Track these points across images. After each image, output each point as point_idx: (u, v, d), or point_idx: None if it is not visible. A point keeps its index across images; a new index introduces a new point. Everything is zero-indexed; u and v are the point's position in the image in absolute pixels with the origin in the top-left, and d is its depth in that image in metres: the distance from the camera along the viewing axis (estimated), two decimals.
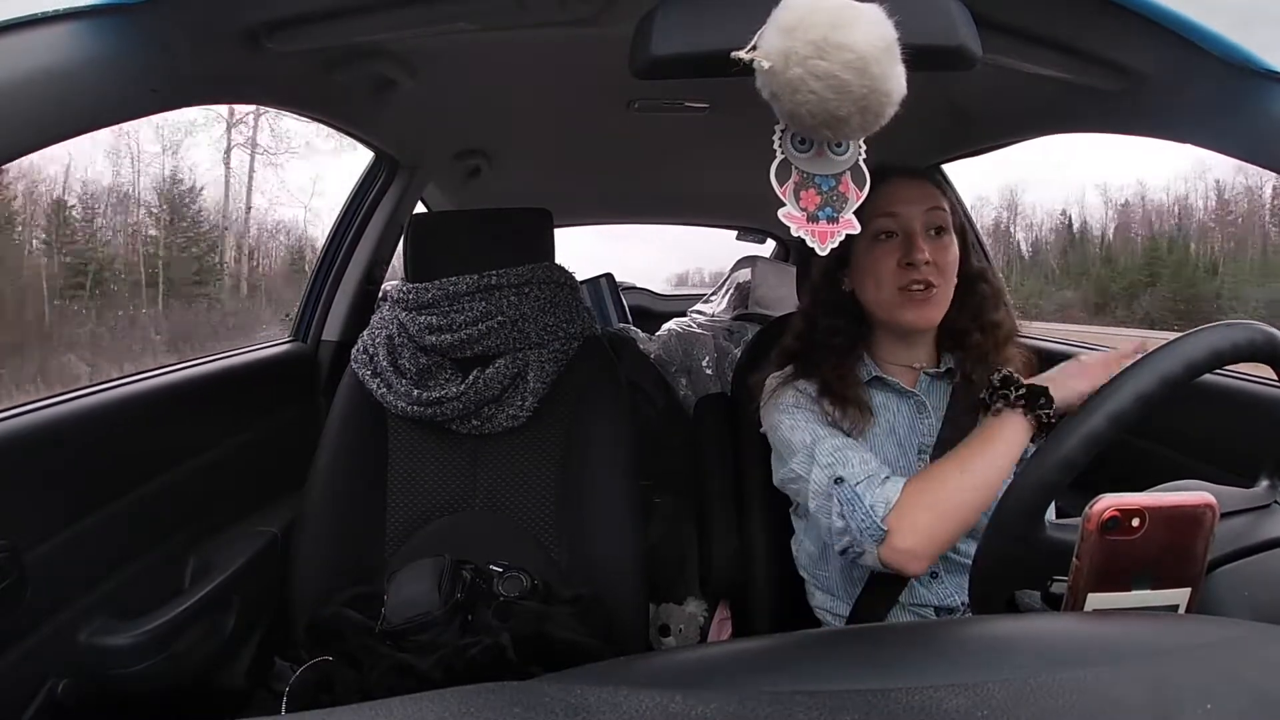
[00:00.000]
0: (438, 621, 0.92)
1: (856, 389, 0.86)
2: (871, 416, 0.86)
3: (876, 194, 0.82)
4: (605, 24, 0.75)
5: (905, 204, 0.83)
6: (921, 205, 0.84)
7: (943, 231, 0.84)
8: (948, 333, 0.88)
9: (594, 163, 1.79)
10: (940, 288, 0.83)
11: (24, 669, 0.76)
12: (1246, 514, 0.54)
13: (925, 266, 0.82)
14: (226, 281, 6.28)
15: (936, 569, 0.86)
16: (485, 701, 0.30)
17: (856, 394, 0.86)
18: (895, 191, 0.84)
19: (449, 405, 1.11)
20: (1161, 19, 0.67)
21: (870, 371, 0.89)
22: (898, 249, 0.83)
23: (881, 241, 0.84)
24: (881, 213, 0.83)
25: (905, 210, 0.83)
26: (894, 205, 0.83)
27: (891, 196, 0.83)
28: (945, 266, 0.83)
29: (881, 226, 0.83)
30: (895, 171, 0.86)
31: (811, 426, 0.84)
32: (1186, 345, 0.55)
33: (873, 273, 0.85)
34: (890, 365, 0.90)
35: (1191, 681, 0.32)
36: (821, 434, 0.83)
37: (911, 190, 0.84)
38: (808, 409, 0.87)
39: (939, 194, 0.86)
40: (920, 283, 0.82)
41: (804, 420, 0.85)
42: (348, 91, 1.03)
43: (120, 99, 0.63)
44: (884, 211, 0.83)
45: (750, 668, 0.39)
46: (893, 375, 0.89)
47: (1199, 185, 9.72)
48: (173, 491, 0.99)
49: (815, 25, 0.46)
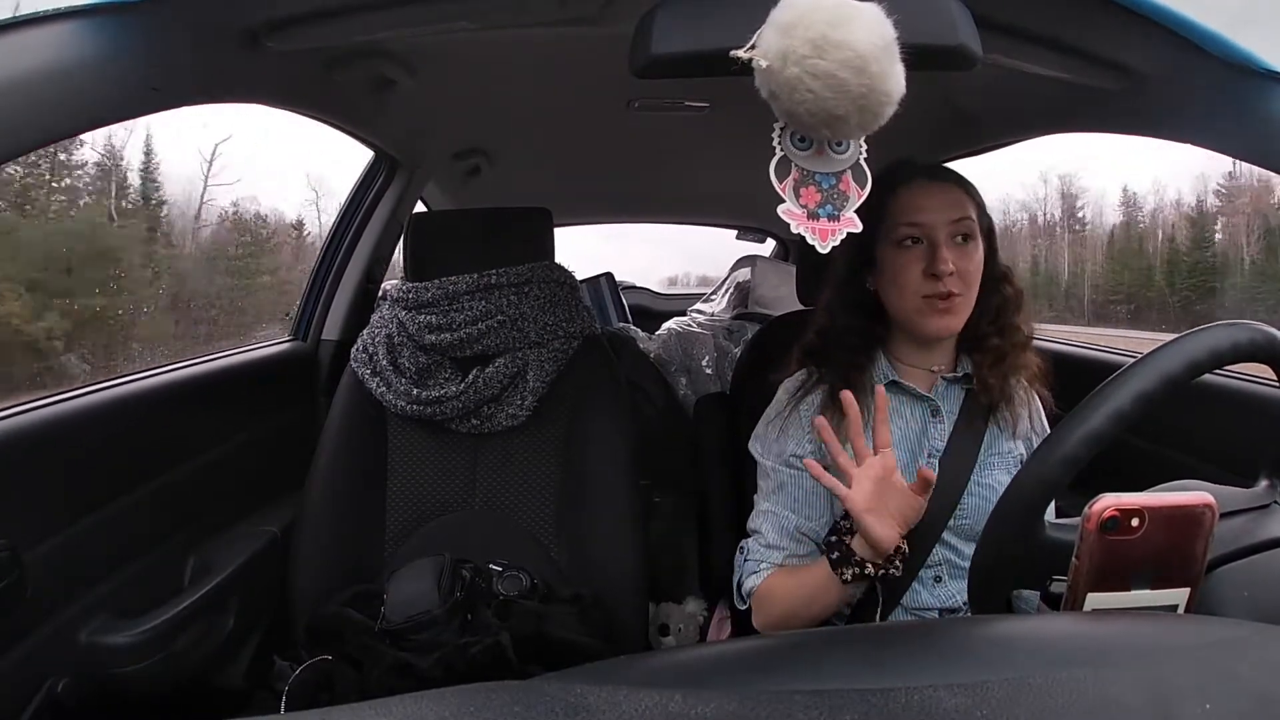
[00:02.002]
0: (437, 621, 0.92)
1: (865, 395, 0.86)
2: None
3: (900, 197, 0.83)
4: (605, 23, 0.75)
5: (931, 212, 0.82)
6: (948, 214, 0.82)
7: (968, 239, 0.83)
8: (967, 336, 0.88)
9: (594, 162, 1.79)
10: (963, 296, 0.82)
11: (24, 668, 0.76)
12: (1246, 514, 0.54)
13: (949, 277, 0.81)
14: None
15: (939, 573, 0.86)
16: (485, 701, 0.30)
17: (866, 398, 0.85)
18: (921, 198, 0.83)
19: (448, 404, 1.11)
20: (1162, 19, 0.67)
21: (887, 375, 0.89)
22: (922, 257, 0.82)
23: (907, 248, 0.83)
24: (907, 219, 0.82)
25: (931, 219, 0.82)
26: (920, 214, 0.82)
27: (917, 203, 0.83)
28: (969, 275, 0.82)
29: (907, 233, 0.83)
30: (920, 172, 0.85)
31: (778, 471, 0.90)
32: (1187, 345, 0.55)
33: (896, 279, 0.84)
34: (907, 368, 0.90)
35: (1190, 681, 0.32)
36: (782, 482, 0.89)
37: (938, 198, 0.83)
38: (792, 442, 0.90)
39: (966, 199, 0.85)
40: (944, 292, 0.81)
41: (775, 458, 0.91)
42: (348, 91, 1.03)
43: (120, 98, 0.63)
44: (909, 219, 0.82)
45: (750, 667, 0.39)
46: (909, 379, 0.89)
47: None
48: (173, 491, 0.99)
49: (813, 24, 0.46)
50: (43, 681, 0.78)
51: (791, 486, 0.89)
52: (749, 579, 0.88)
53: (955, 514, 0.85)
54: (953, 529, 0.85)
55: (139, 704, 0.89)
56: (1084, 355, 1.44)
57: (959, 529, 0.85)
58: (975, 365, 0.88)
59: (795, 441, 0.89)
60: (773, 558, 0.88)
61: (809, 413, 0.89)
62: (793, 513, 0.88)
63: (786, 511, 0.88)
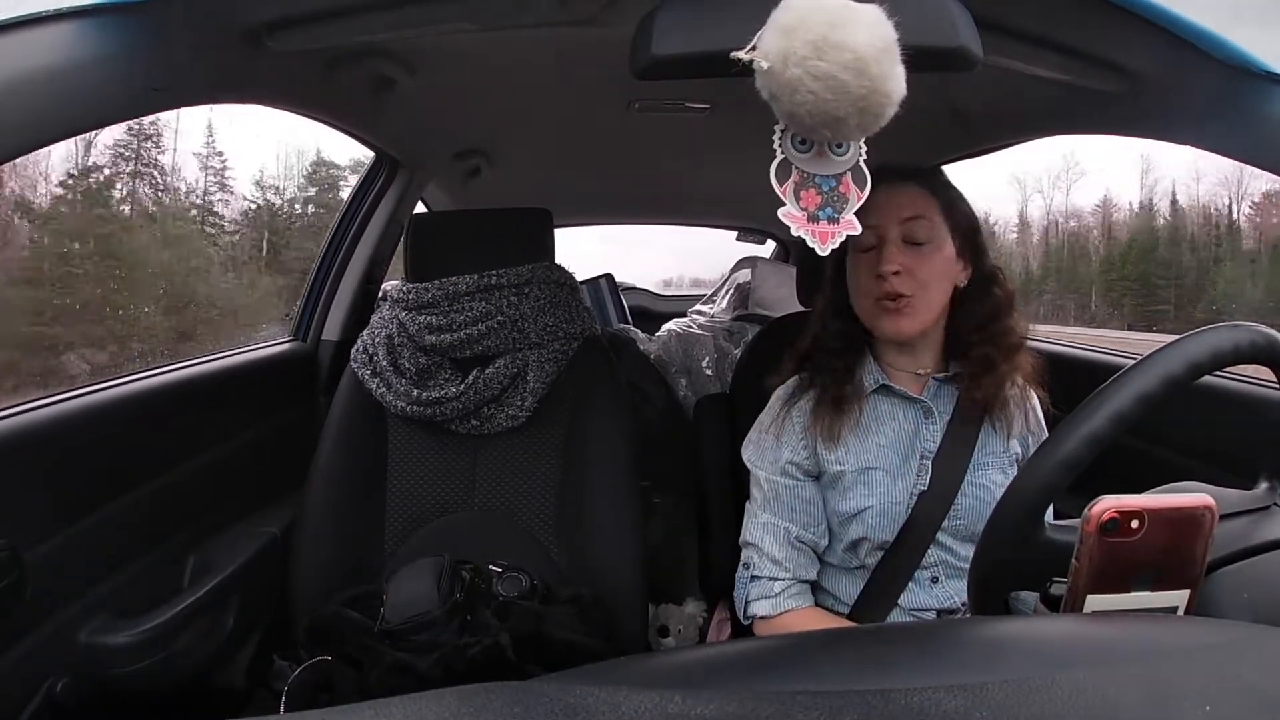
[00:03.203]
0: (437, 621, 0.92)
1: (854, 400, 0.87)
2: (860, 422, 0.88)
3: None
4: (605, 24, 0.75)
5: (880, 214, 0.82)
6: (897, 215, 0.83)
7: (922, 240, 0.83)
8: (953, 338, 0.88)
9: (594, 163, 1.79)
10: (916, 297, 0.82)
11: (24, 668, 0.76)
12: (1246, 516, 0.54)
13: (895, 278, 0.81)
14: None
15: (936, 574, 0.86)
16: (484, 701, 0.30)
17: (851, 403, 0.87)
18: (873, 201, 0.83)
19: (449, 405, 1.11)
20: (1161, 20, 0.67)
21: (877, 379, 0.89)
22: (875, 260, 0.83)
23: (863, 253, 0.85)
24: (862, 223, 0.83)
25: (880, 221, 0.82)
26: (870, 216, 0.82)
27: (869, 206, 0.83)
28: (923, 276, 0.82)
29: (862, 238, 0.83)
30: (881, 177, 0.86)
31: (773, 480, 0.90)
32: (1188, 346, 0.55)
33: (853, 283, 0.87)
34: (896, 371, 0.90)
35: (1190, 683, 0.32)
36: (777, 491, 0.89)
37: (890, 199, 0.83)
38: (786, 450, 0.90)
39: (926, 201, 0.84)
40: (890, 295, 0.82)
41: (769, 466, 0.91)
42: (348, 91, 1.03)
43: (121, 98, 0.63)
44: (863, 222, 0.83)
45: (750, 668, 0.39)
46: (899, 382, 0.89)
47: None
48: (173, 491, 0.99)
49: (814, 26, 0.46)
50: (42, 681, 0.78)
51: (788, 496, 0.89)
52: (758, 604, 0.88)
53: (950, 515, 0.85)
54: (947, 529, 0.85)
55: (139, 704, 0.89)
56: (1081, 356, 1.44)
57: (954, 529, 0.85)
58: (965, 373, 0.87)
59: (790, 449, 0.90)
60: (780, 576, 0.87)
61: (801, 420, 0.90)
62: (792, 523, 0.88)
63: (785, 522, 0.89)
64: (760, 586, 0.88)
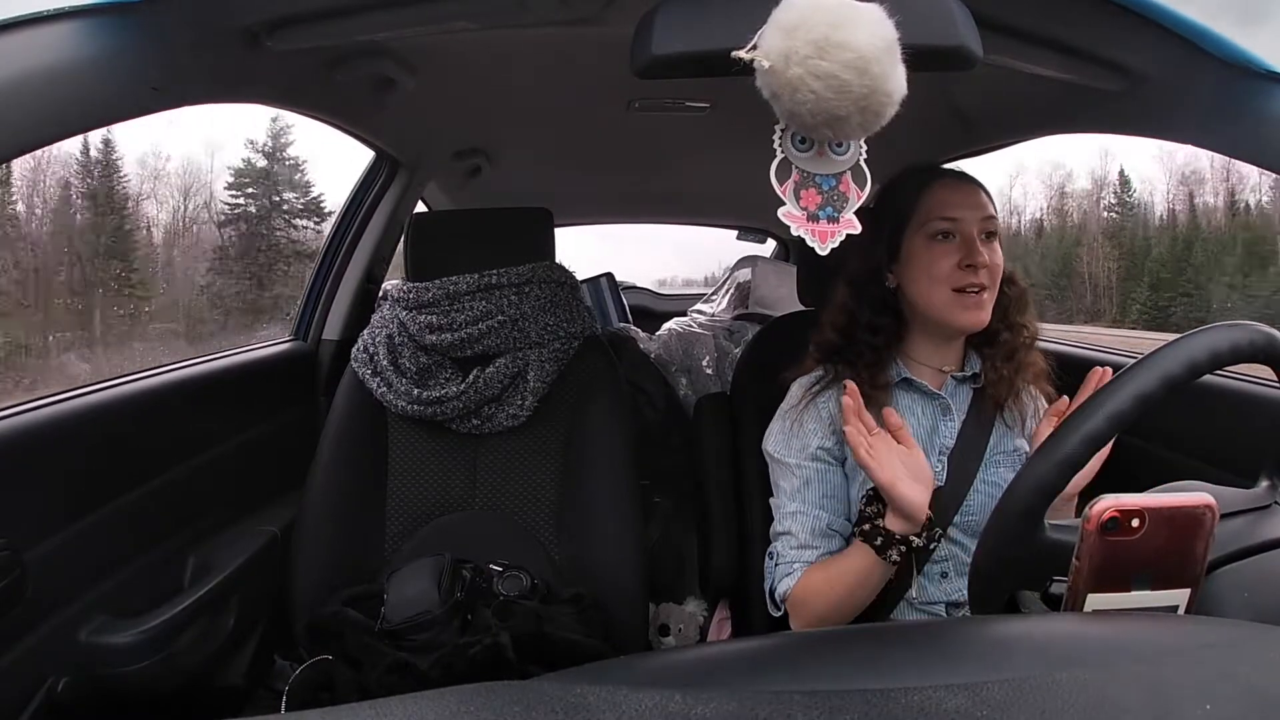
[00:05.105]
0: (437, 621, 0.92)
1: (882, 391, 0.87)
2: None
3: (936, 192, 0.85)
4: (606, 23, 0.75)
5: (964, 209, 0.85)
6: (978, 211, 0.85)
7: (993, 237, 0.86)
8: (978, 333, 0.89)
9: (594, 162, 1.79)
10: (990, 291, 0.85)
11: (24, 667, 0.76)
12: (1246, 515, 0.54)
13: (983, 270, 0.83)
14: None
15: (946, 569, 0.87)
16: (485, 701, 0.30)
17: (880, 395, 0.86)
18: (953, 196, 0.86)
19: (449, 404, 1.11)
20: (1162, 19, 0.67)
21: (900, 373, 0.90)
22: (956, 251, 0.84)
23: (939, 242, 0.85)
24: (942, 214, 0.85)
25: (965, 214, 0.85)
26: (952, 209, 0.85)
27: (953, 199, 0.85)
28: (996, 272, 0.85)
29: (941, 227, 0.85)
30: (947, 173, 0.88)
31: (803, 467, 0.89)
32: (1187, 345, 0.55)
33: (929, 271, 0.85)
34: (919, 366, 0.91)
35: (1190, 682, 0.32)
36: (808, 478, 0.88)
37: (969, 196, 0.86)
38: (815, 436, 0.89)
39: (989, 201, 0.88)
40: (976, 285, 0.83)
41: (798, 453, 0.89)
42: (348, 91, 1.03)
43: (121, 98, 0.63)
44: (945, 213, 0.85)
45: (750, 668, 0.39)
46: (921, 377, 0.90)
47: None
48: (173, 491, 0.99)
49: (815, 25, 0.46)
50: (43, 681, 0.78)
51: (818, 482, 0.88)
52: (782, 582, 0.86)
53: (961, 510, 0.86)
54: (959, 525, 0.86)
55: (139, 703, 0.89)
56: (1085, 355, 1.44)
57: (965, 525, 0.86)
58: (986, 359, 0.89)
59: (817, 436, 0.89)
60: (806, 557, 0.86)
61: (827, 406, 0.89)
62: (823, 510, 0.87)
63: (816, 510, 0.87)
64: (785, 569, 0.87)
